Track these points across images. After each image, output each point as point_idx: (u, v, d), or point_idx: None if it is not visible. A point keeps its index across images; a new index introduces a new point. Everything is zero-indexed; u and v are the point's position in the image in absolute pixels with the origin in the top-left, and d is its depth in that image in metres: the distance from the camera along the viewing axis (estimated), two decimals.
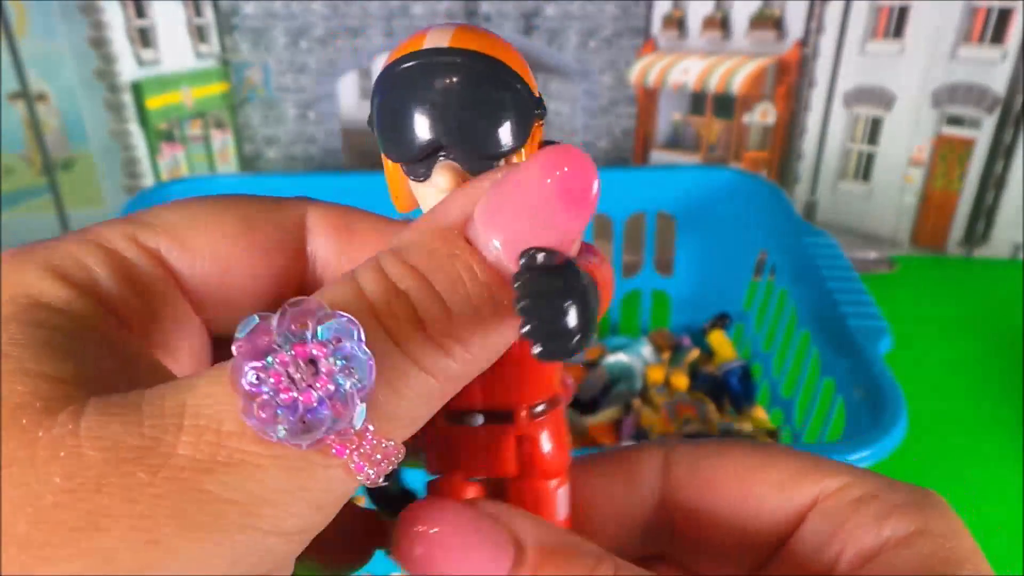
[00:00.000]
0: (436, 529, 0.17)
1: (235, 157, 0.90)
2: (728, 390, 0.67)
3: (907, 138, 0.87)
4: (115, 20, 0.80)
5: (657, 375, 0.68)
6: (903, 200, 0.90)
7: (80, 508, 0.13)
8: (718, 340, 0.71)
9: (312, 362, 0.14)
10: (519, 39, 0.84)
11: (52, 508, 0.13)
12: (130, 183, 0.88)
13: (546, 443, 0.20)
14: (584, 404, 0.66)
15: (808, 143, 0.88)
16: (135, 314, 0.17)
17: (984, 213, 0.89)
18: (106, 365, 0.16)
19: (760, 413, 0.65)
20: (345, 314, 0.15)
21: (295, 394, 0.14)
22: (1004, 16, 0.79)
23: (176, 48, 0.83)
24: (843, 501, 0.20)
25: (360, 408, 0.15)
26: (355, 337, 0.15)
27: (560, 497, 0.20)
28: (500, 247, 0.16)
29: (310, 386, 0.14)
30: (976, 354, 0.77)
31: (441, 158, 0.18)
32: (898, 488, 0.20)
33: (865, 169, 0.89)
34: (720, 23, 0.84)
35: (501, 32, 0.84)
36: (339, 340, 0.15)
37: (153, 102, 0.85)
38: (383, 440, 0.15)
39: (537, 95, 0.18)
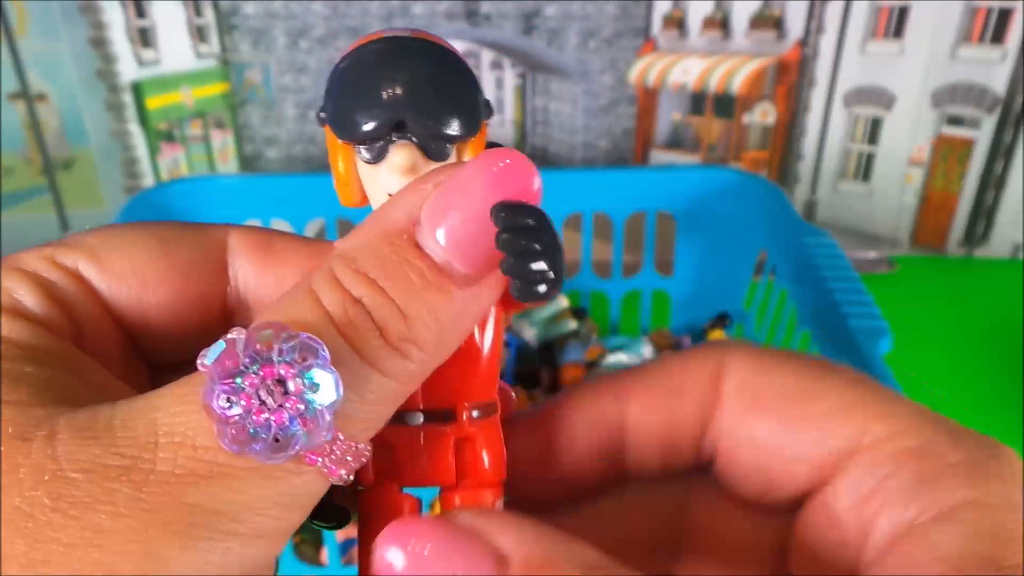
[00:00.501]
0: (410, 551, 0.17)
1: (235, 157, 0.90)
2: None
3: (907, 138, 0.87)
4: (115, 20, 0.80)
5: None
6: (903, 200, 0.90)
7: (73, 526, 0.14)
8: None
9: (280, 382, 0.15)
10: (519, 39, 0.84)
11: (46, 527, 0.14)
12: (130, 183, 0.88)
13: (485, 448, 0.20)
14: None
15: (808, 143, 0.89)
16: (65, 331, 0.18)
17: (984, 213, 0.89)
18: (61, 382, 0.16)
19: None
20: (308, 333, 0.15)
21: (267, 415, 0.15)
22: (1004, 16, 0.79)
23: (176, 48, 0.83)
24: (886, 452, 0.18)
25: (329, 420, 0.15)
26: (319, 354, 0.15)
27: (498, 509, 0.20)
28: (447, 247, 0.17)
29: (281, 406, 0.15)
30: (976, 354, 0.77)
31: (396, 138, 0.18)
32: (959, 441, 0.18)
33: (865, 169, 0.89)
34: (720, 23, 0.84)
35: (501, 32, 0.84)
36: (305, 358, 0.15)
37: (153, 102, 0.85)
38: (351, 443, 0.16)
39: (484, 97, 0.19)
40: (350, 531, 0.23)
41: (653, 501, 0.21)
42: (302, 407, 0.15)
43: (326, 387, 0.15)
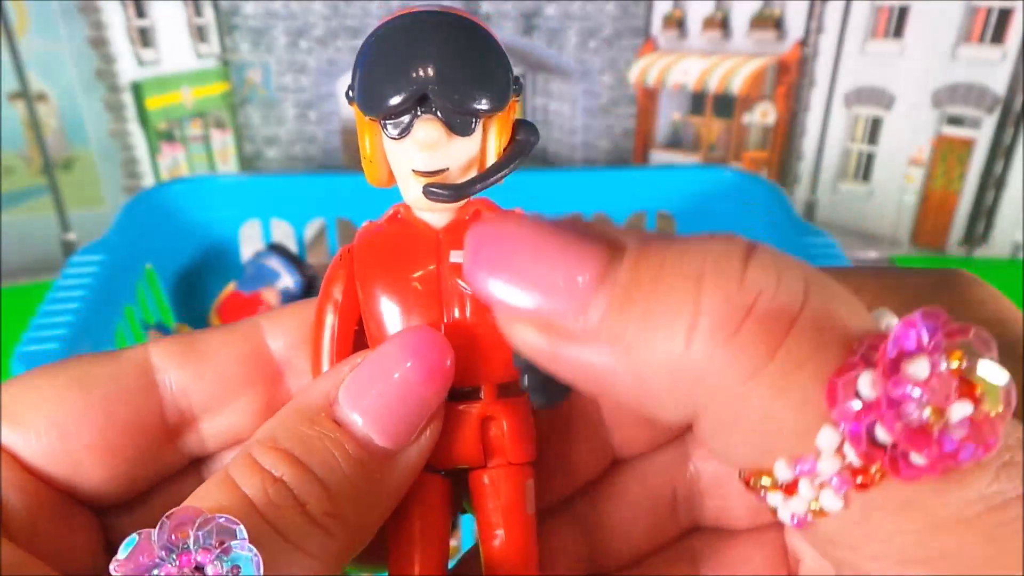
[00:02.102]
0: (515, 231, 0.15)
1: (235, 157, 0.90)
2: None
3: (907, 138, 0.87)
4: (115, 20, 0.80)
5: None
6: (903, 200, 0.90)
7: None
8: None
9: (199, 568, 0.15)
10: (519, 39, 0.84)
11: None
12: (130, 183, 0.88)
13: (512, 426, 0.20)
14: None
15: (808, 143, 0.88)
16: None
17: (984, 213, 0.89)
18: None
19: None
20: (224, 515, 0.15)
21: None
22: (1004, 16, 0.79)
23: (176, 48, 0.83)
24: None
25: None
26: (238, 536, 0.15)
27: (528, 490, 0.20)
28: (366, 422, 0.18)
29: None
30: None
31: (421, 112, 0.18)
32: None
33: (865, 169, 0.89)
34: (720, 23, 0.84)
35: (501, 32, 0.84)
36: (223, 542, 0.15)
37: (153, 102, 0.85)
38: None
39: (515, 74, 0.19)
40: None
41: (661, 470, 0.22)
42: None
43: (245, 568, 0.15)
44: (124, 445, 0.19)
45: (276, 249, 0.71)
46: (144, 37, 0.82)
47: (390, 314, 0.19)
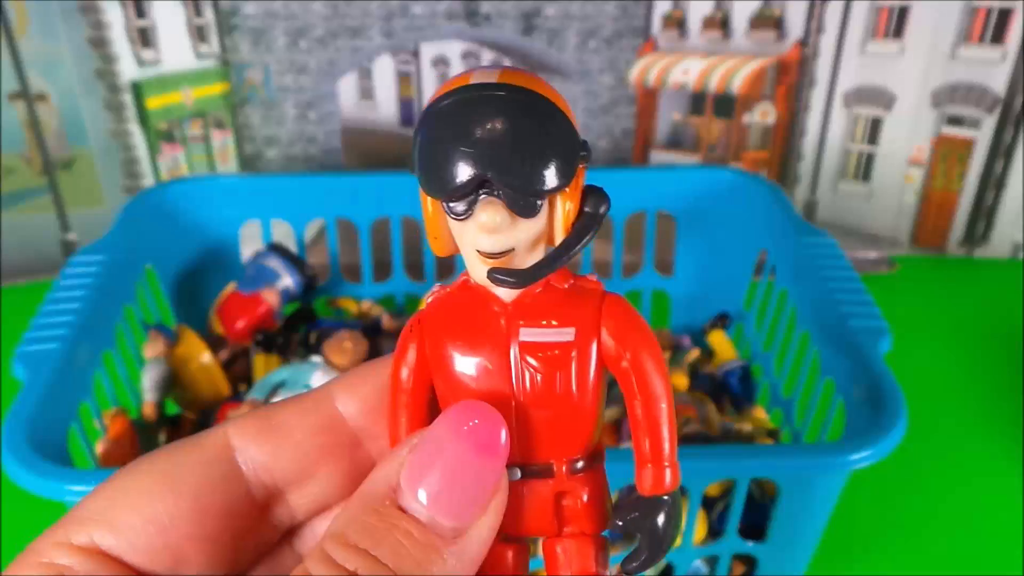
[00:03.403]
0: None
1: (235, 157, 0.90)
2: (728, 390, 0.67)
3: (907, 138, 0.87)
4: (115, 20, 0.80)
5: None
6: (903, 200, 0.90)
7: None
8: (718, 340, 0.71)
9: None
10: (519, 39, 0.84)
11: None
12: (130, 183, 0.88)
13: (587, 499, 0.20)
14: None
15: (808, 143, 0.88)
16: None
17: (984, 213, 0.89)
18: None
19: (760, 413, 0.65)
20: None
21: None
22: (1004, 16, 0.79)
23: (176, 48, 0.83)
24: None
25: None
26: None
27: (601, 560, 0.20)
28: (429, 505, 0.18)
29: None
30: (976, 354, 0.77)
31: (483, 195, 0.18)
32: None
33: (865, 169, 0.89)
34: (720, 23, 0.84)
35: (501, 32, 0.84)
36: None
37: (153, 102, 0.85)
38: None
39: (581, 138, 0.18)
40: None
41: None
42: None
43: None
44: (219, 529, 0.20)
45: (276, 249, 0.71)
46: (144, 37, 0.82)
47: (460, 389, 0.19)
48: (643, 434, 0.19)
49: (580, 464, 0.20)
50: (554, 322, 0.19)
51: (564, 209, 0.19)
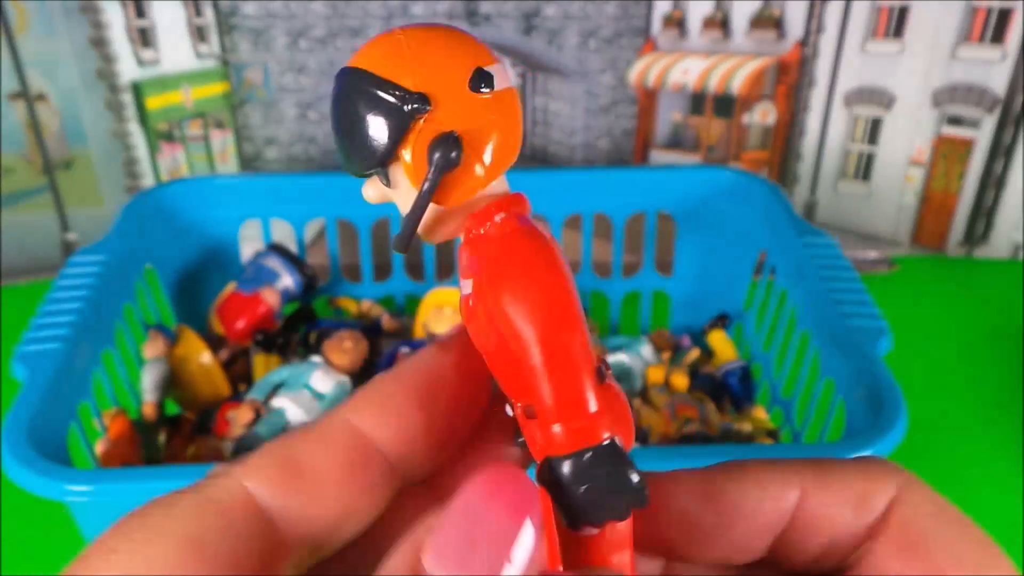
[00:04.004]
0: None
1: (235, 157, 0.90)
2: (728, 390, 0.67)
3: (907, 138, 0.87)
4: (115, 20, 0.80)
5: (657, 375, 0.68)
6: (903, 200, 0.90)
7: None
8: (718, 340, 0.71)
9: None
10: (519, 39, 0.84)
11: None
12: (130, 183, 0.88)
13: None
14: None
15: (808, 143, 0.88)
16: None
17: (984, 213, 0.89)
18: None
19: (760, 413, 0.65)
20: None
21: None
22: (1004, 16, 0.79)
23: (176, 48, 0.83)
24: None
25: None
26: None
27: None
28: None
29: None
30: (976, 354, 0.77)
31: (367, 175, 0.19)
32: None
33: (865, 169, 0.89)
34: (720, 23, 0.84)
35: (501, 32, 0.84)
36: None
37: (153, 102, 0.85)
38: None
39: (418, 91, 0.17)
40: None
41: None
42: None
43: None
44: None
45: (276, 249, 0.71)
46: (144, 37, 0.82)
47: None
48: None
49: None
50: (466, 274, 0.18)
51: (409, 169, 0.18)
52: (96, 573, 0.16)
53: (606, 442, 0.16)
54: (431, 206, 0.18)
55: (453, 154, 0.17)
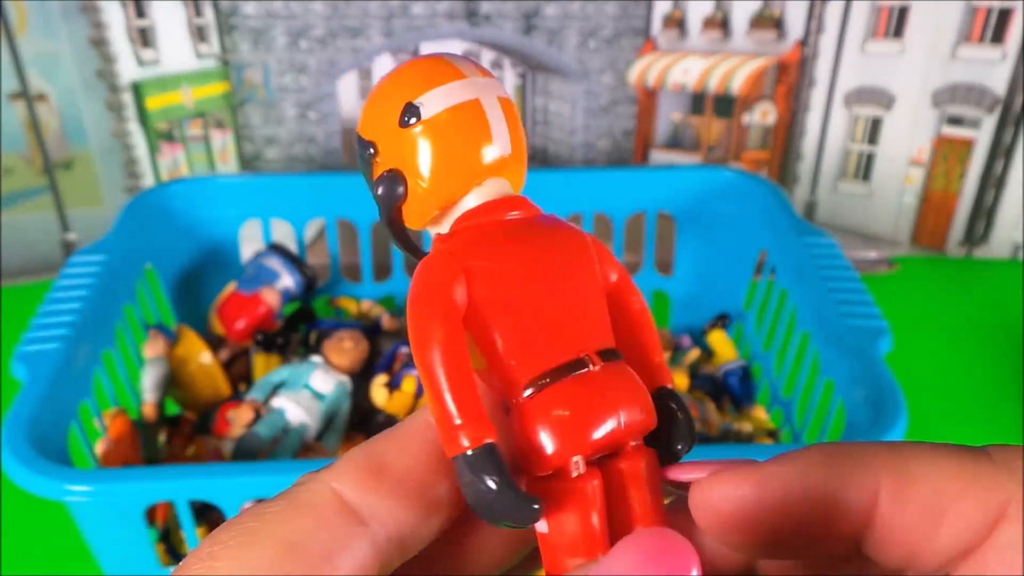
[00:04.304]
0: None
1: (235, 157, 0.90)
2: (728, 390, 0.67)
3: (907, 138, 0.87)
4: (115, 20, 0.80)
5: None
6: (903, 200, 0.90)
7: None
8: (718, 340, 0.71)
9: None
10: (519, 39, 0.84)
11: None
12: (130, 183, 0.88)
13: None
14: None
15: (808, 143, 0.89)
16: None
17: (984, 213, 0.89)
18: None
19: (760, 413, 0.65)
20: None
21: None
22: (1004, 16, 0.79)
23: (176, 48, 0.83)
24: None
25: None
26: None
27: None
28: None
29: None
30: (976, 354, 0.77)
31: None
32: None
33: (865, 169, 0.89)
34: (720, 23, 0.84)
35: (501, 32, 0.84)
36: None
37: (153, 102, 0.85)
38: None
39: (369, 139, 0.19)
40: None
41: None
42: None
43: None
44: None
45: (276, 249, 0.71)
46: (144, 37, 0.82)
47: None
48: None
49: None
50: None
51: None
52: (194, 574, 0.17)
53: (469, 452, 0.17)
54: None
55: (399, 189, 0.19)
